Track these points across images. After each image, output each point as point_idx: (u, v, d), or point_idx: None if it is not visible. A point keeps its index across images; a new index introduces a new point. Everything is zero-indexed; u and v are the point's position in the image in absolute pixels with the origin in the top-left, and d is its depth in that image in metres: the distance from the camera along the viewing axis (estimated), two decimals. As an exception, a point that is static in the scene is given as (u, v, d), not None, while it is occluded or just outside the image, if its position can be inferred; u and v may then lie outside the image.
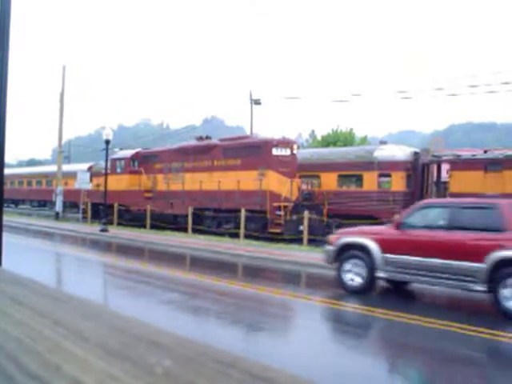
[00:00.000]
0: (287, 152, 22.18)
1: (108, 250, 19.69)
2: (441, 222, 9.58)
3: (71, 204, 38.55)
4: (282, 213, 20.70)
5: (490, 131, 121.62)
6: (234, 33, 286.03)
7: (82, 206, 32.05)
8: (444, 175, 23.53)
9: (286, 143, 22.53)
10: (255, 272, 14.35)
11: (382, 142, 26.92)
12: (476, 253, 8.60)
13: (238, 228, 21.56)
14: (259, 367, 0.92)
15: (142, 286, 11.65)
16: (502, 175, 20.52)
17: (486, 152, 22.80)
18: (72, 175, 35.14)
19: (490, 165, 21.17)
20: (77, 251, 18.12)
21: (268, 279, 13.25)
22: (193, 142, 26.99)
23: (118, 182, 28.96)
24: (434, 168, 23.56)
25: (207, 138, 26.40)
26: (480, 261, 8.45)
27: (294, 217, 20.71)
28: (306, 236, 19.03)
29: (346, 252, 10.43)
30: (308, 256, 15.42)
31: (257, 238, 20.41)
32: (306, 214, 19.29)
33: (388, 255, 9.78)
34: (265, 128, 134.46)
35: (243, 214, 20.95)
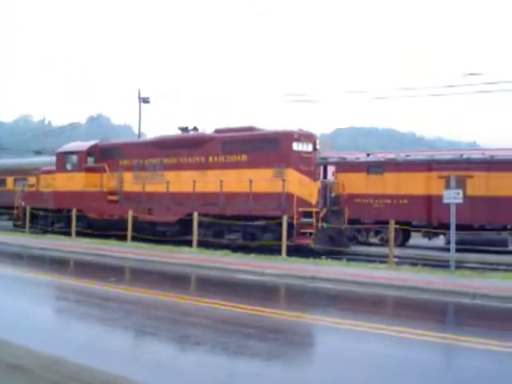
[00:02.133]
0: (309, 147, 18.63)
1: None
2: None
3: None
4: (313, 220, 17.27)
5: (372, 136, 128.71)
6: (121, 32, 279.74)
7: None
8: (330, 176, 24.40)
9: (308, 136, 18.82)
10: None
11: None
12: None
13: (248, 239, 18.28)
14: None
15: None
16: (383, 177, 21.68)
17: (368, 155, 24.01)
18: None
19: (372, 167, 22.32)
20: None
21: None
22: (176, 134, 22.11)
23: (70, 182, 23.73)
24: (321, 170, 24.33)
25: (194, 128, 21.67)
26: None
27: (325, 225, 17.50)
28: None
29: None
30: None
31: (271, 252, 17.08)
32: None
33: None
34: (154, 127, 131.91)
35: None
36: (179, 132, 21.84)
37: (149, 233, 20.64)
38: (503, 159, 20.77)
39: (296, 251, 17.02)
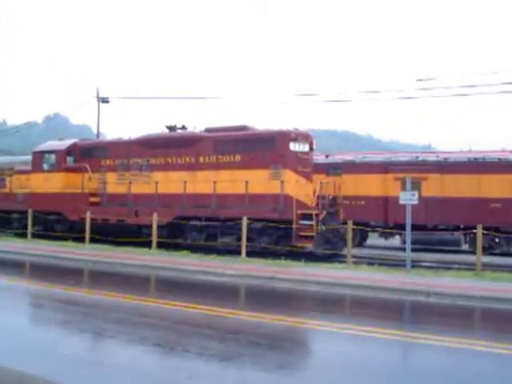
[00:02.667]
0: (305, 147, 18.09)
1: None
2: None
3: None
4: (313, 223, 16.55)
5: (332, 138, 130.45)
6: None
7: None
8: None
9: (305, 136, 18.26)
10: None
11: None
12: None
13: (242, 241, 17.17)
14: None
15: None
16: (341, 179, 22.01)
17: (327, 157, 24.30)
18: None
19: (331, 169, 22.62)
20: None
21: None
22: (163, 133, 20.84)
23: (48, 183, 22.40)
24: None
25: (183, 127, 20.61)
26: None
27: (324, 228, 16.94)
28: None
29: None
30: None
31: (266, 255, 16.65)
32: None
33: None
34: (114, 128, 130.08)
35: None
36: (166, 131, 20.89)
37: (135, 236, 19.52)
38: (456, 162, 21.43)
39: (290, 255, 16.79)
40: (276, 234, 17.21)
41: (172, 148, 19.84)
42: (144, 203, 19.88)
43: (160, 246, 18.44)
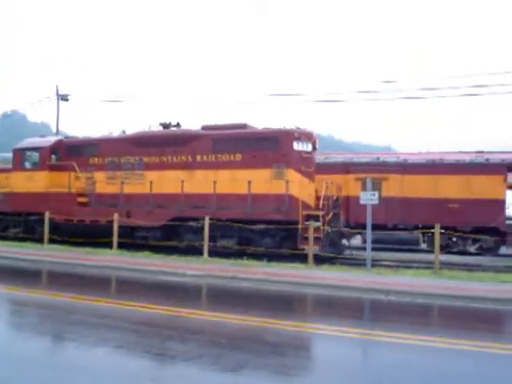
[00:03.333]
0: (309, 147, 17.63)
1: None
2: None
3: None
4: (320, 224, 16.15)
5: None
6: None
7: None
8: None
9: (308, 136, 17.74)
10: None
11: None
12: None
13: (244, 244, 17.03)
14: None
15: None
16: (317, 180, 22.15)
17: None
18: None
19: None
20: None
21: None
22: (157, 130, 19.97)
23: (31, 182, 21.12)
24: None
25: (177, 125, 19.86)
26: None
27: (329, 229, 16.56)
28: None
29: None
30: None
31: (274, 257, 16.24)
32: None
33: None
34: (74, 126, 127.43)
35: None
36: (160, 128, 20.04)
37: (127, 238, 18.61)
38: (416, 163, 21.87)
39: (293, 256, 16.44)
40: (279, 236, 16.82)
41: (167, 146, 19.03)
42: (137, 204, 19.04)
43: (155, 248, 17.99)
